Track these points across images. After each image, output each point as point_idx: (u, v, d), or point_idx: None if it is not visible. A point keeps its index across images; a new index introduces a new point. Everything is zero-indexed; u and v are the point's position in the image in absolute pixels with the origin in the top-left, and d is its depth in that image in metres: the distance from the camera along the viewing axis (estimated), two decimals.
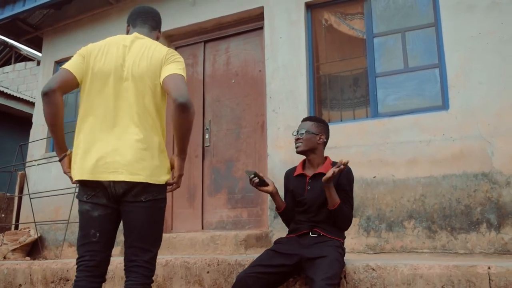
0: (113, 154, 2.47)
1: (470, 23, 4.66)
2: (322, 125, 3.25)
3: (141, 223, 2.51)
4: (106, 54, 2.66)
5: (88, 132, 2.60)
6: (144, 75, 2.57)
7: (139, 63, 2.60)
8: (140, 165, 2.46)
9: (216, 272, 3.54)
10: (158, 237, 2.62)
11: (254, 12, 5.91)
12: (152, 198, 2.51)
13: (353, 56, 5.39)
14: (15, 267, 4.53)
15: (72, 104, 7.35)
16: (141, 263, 2.50)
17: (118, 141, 2.49)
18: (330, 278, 2.63)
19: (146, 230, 2.53)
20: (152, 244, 2.56)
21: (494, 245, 4.20)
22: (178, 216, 5.99)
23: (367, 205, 4.75)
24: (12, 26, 7.60)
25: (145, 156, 2.49)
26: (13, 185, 7.77)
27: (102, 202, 2.52)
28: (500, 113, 4.38)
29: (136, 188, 2.47)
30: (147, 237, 2.54)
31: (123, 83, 2.57)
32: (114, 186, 2.47)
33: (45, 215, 6.69)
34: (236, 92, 5.95)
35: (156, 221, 2.58)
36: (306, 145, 3.18)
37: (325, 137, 3.22)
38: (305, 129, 3.20)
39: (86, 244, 2.53)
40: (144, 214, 2.52)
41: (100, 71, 2.60)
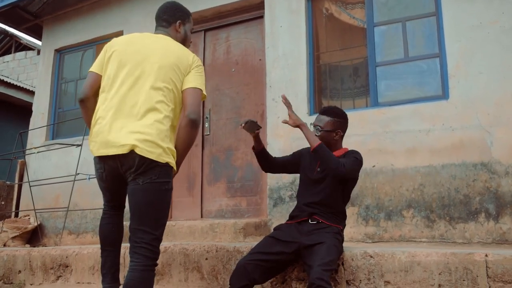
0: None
1: (471, 12, 4.65)
2: (339, 120, 3.19)
3: (139, 205, 2.60)
4: (129, 45, 2.84)
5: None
6: (167, 69, 2.73)
7: (161, 59, 2.75)
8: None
9: (214, 259, 3.55)
10: (160, 220, 2.66)
11: (254, 1, 5.89)
12: (151, 181, 2.57)
13: (353, 45, 5.38)
14: (15, 253, 4.55)
15: (72, 93, 7.34)
16: (142, 244, 2.56)
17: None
18: (327, 263, 2.64)
19: (145, 212, 2.59)
20: (153, 227, 2.61)
21: (492, 234, 4.21)
22: (178, 204, 6.00)
23: (366, 194, 4.76)
24: (12, 14, 7.57)
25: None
26: (13, 173, 7.79)
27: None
28: (500, 103, 4.38)
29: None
30: (148, 220, 2.59)
31: (142, 76, 2.71)
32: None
33: (45, 203, 6.71)
34: (236, 81, 5.94)
35: (156, 203, 2.62)
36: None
37: (342, 131, 3.21)
38: (321, 126, 3.18)
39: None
40: (143, 197, 2.59)
41: (120, 62, 2.76)
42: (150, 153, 2.55)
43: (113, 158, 2.61)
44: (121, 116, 2.64)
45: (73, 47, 7.42)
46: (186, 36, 3.08)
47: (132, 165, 2.57)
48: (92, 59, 7.17)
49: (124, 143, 2.55)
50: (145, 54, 2.77)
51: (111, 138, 2.60)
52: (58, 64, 7.55)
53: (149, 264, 2.57)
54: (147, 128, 2.59)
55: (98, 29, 7.07)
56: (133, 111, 2.63)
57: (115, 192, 2.89)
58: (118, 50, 2.82)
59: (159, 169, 2.60)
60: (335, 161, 2.93)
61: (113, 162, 2.63)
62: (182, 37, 3.04)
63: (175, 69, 2.74)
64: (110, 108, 2.67)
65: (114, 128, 2.62)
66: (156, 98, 2.66)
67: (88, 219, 6.45)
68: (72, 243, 6.42)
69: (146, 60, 2.74)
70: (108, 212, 3.00)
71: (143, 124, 2.60)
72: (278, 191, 5.11)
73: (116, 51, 2.82)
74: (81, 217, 6.51)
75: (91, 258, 4.07)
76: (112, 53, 2.83)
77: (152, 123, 2.60)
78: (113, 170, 2.67)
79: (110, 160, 2.64)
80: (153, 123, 2.60)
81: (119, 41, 2.89)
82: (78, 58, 7.43)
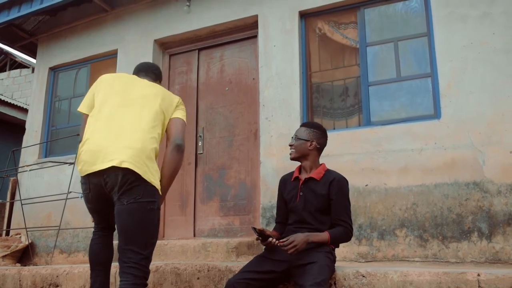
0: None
1: (462, 33, 4.70)
2: (315, 130, 3.20)
3: (126, 225, 2.67)
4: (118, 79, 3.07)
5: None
6: (156, 97, 2.96)
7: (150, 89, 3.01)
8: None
9: (206, 278, 3.52)
10: (147, 240, 2.71)
11: (248, 21, 5.94)
12: (134, 201, 2.64)
13: (346, 64, 5.42)
14: (5, 272, 4.49)
15: (66, 111, 7.33)
16: (131, 264, 2.62)
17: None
18: (319, 283, 2.61)
19: (132, 232, 2.65)
20: (141, 247, 2.65)
21: (485, 254, 4.20)
22: (170, 223, 5.96)
23: (359, 213, 4.75)
24: (7, 32, 7.60)
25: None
26: (5, 191, 7.74)
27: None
28: (491, 122, 4.41)
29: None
30: (135, 240, 2.65)
31: (131, 101, 2.90)
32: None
33: (37, 221, 6.66)
34: (229, 99, 5.96)
35: (142, 223, 2.67)
36: (297, 151, 3.17)
37: (317, 143, 3.16)
38: (297, 135, 3.21)
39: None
40: (128, 216, 2.66)
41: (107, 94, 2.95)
42: (136, 167, 2.63)
43: (98, 175, 2.67)
44: (109, 135, 2.73)
45: (67, 65, 7.44)
46: None
47: (115, 182, 2.63)
48: (86, 78, 7.19)
49: (111, 158, 2.63)
50: (134, 84, 3.00)
51: (98, 155, 2.68)
52: (52, 82, 7.56)
53: (138, 283, 2.61)
54: (134, 145, 2.69)
55: (93, 48, 7.10)
56: (121, 131, 2.74)
57: (103, 214, 2.94)
58: (107, 82, 3.01)
59: (143, 188, 2.66)
60: (347, 238, 3.05)
61: (97, 180, 2.70)
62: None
63: (163, 100, 2.96)
64: (98, 130, 2.78)
65: (102, 146, 2.70)
66: (144, 120, 2.80)
67: (80, 238, 6.40)
68: (64, 262, 6.35)
69: (134, 90, 2.95)
70: (98, 233, 3.06)
71: (130, 142, 2.70)
72: (271, 210, 5.09)
73: (104, 83, 3.01)
74: (73, 236, 6.45)
75: (81, 278, 4.03)
76: (101, 86, 3.00)
77: (138, 141, 2.71)
78: (98, 189, 2.73)
79: (95, 178, 2.70)
80: (139, 142, 2.71)
81: (107, 76, 3.08)
82: (72, 76, 7.44)
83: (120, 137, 2.71)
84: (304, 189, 3.11)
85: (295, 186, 3.18)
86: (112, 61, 6.84)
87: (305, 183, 3.11)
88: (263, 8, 5.78)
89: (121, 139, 2.71)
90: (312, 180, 3.07)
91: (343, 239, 3.04)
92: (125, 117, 2.80)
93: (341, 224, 3.00)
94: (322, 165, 3.20)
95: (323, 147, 3.27)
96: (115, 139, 2.71)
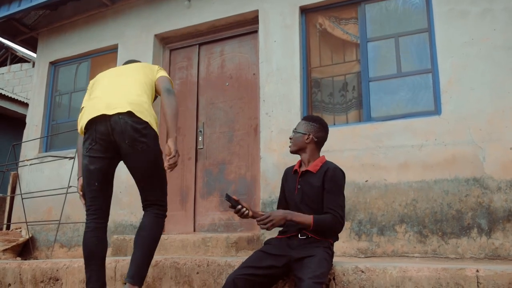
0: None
1: (463, 29, 4.69)
2: (312, 124, 3.19)
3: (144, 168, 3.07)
4: (108, 70, 3.44)
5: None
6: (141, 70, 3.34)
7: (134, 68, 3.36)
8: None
9: (205, 273, 3.53)
10: (162, 179, 3.16)
11: (249, 16, 5.93)
12: (147, 147, 2.98)
13: (346, 60, 5.42)
14: (5, 266, 4.51)
15: (66, 106, 7.33)
16: (153, 202, 3.12)
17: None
18: (318, 276, 2.63)
19: (150, 173, 3.07)
20: (159, 186, 3.14)
21: (484, 250, 4.21)
22: (170, 218, 5.93)
23: (358, 209, 4.75)
24: (7, 26, 7.59)
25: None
26: (6, 185, 7.75)
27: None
28: (492, 119, 4.41)
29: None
30: (153, 180, 3.11)
31: (122, 76, 3.28)
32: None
33: (37, 216, 6.67)
34: (230, 95, 5.96)
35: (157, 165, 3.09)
36: (295, 144, 3.18)
37: (314, 136, 3.15)
38: (296, 128, 3.22)
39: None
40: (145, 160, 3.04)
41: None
42: (140, 113, 2.97)
43: (104, 122, 2.96)
44: (108, 95, 3.09)
45: (68, 60, 7.43)
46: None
47: (124, 127, 2.93)
48: (86, 72, 7.19)
49: (114, 107, 2.95)
50: (119, 68, 3.39)
51: (101, 106, 3.01)
52: (52, 76, 7.55)
53: (161, 213, 3.13)
54: (133, 100, 3.02)
55: (93, 42, 7.09)
56: (118, 92, 3.09)
57: (103, 182, 3.12)
58: (99, 75, 3.40)
59: (151, 135, 3.02)
60: (333, 224, 2.92)
61: (104, 128, 2.97)
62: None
63: (144, 69, 3.32)
64: (96, 96, 3.14)
65: (103, 100, 3.04)
66: (135, 86, 3.15)
67: (80, 232, 6.41)
68: (64, 256, 6.37)
69: (119, 70, 3.36)
70: (91, 224, 3.17)
71: (129, 98, 3.03)
72: (271, 205, 5.09)
73: (98, 76, 3.39)
74: (73, 230, 6.47)
75: (81, 272, 4.04)
76: (95, 81, 3.38)
77: (136, 98, 3.05)
78: (104, 137, 2.99)
79: (101, 125, 2.97)
80: (137, 98, 3.05)
81: (101, 73, 3.44)
82: (72, 71, 7.44)
83: (118, 96, 3.05)
84: (301, 182, 3.11)
85: (294, 179, 3.19)
86: (112, 56, 6.84)
87: (303, 176, 3.12)
88: (263, 3, 5.77)
89: (120, 96, 3.04)
90: (309, 173, 3.08)
91: (330, 227, 2.92)
92: (118, 85, 3.16)
93: (330, 212, 2.92)
94: (320, 158, 3.18)
95: (322, 141, 3.24)
96: (115, 97, 3.04)
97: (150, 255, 3.10)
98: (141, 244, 3.03)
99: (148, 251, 3.07)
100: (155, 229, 3.11)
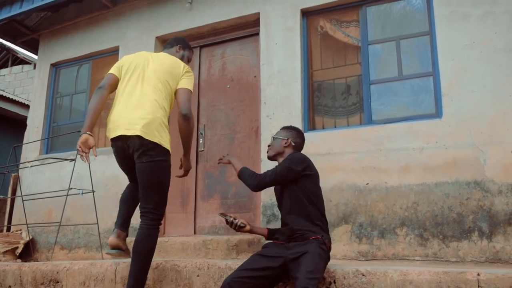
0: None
1: (464, 32, 4.69)
2: (291, 130, 3.48)
3: (145, 179, 3.31)
4: (136, 57, 3.62)
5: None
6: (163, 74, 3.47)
7: (159, 65, 3.52)
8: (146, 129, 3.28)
9: (206, 276, 3.53)
10: (161, 190, 3.35)
11: (250, 18, 5.93)
12: (151, 159, 3.24)
13: (347, 63, 5.41)
14: (5, 268, 4.50)
15: (67, 108, 7.34)
16: (148, 209, 3.29)
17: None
18: (312, 272, 2.65)
19: (150, 184, 3.29)
20: (156, 195, 3.31)
21: (485, 253, 4.20)
22: (171, 220, 5.97)
23: (359, 212, 4.75)
24: (8, 28, 7.60)
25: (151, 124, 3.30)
26: (6, 187, 7.75)
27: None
28: (493, 121, 4.40)
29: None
30: (151, 189, 3.30)
31: (144, 78, 3.46)
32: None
33: (38, 218, 6.67)
34: (231, 97, 5.96)
35: (158, 177, 3.32)
36: (273, 149, 3.44)
37: (292, 140, 3.40)
38: (274, 135, 3.49)
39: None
40: (147, 171, 3.30)
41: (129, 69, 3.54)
42: (148, 135, 3.22)
43: (121, 140, 3.30)
44: (126, 108, 3.33)
45: (69, 62, 7.44)
46: (182, 58, 3.82)
47: (135, 145, 3.24)
48: (88, 74, 7.20)
49: (128, 127, 3.24)
50: (148, 61, 3.53)
51: (119, 124, 3.30)
52: (53, 78, 7.56)
53: (153, 224, 3.28)
54: (146, 116, 3.26)
55: (95, 44, 7.10)
56: (136, 105, 3.31)
57: (128, 171, 3.55)
58: (128, 61, 3.58)
59: (157, 150, 3.26)
60: (250, 177, 3.31)
61: (121, 144, 3.32)
62: (179, 57, 3.77)
63: (170, 73, 3.46)
64: (119, 104, 3.40)
65: (121, 116, 3.32)
66: (155, 95, 3.36)
67: (80, 234, 6.41)
68: (64, 258, 6.37)
69: (149, 66, 3.49)
70: (130, 185, 3.68)
71: (143, 113, 3.27)
72: (271, 207, 5.09)
73: (126, 61, 3.59)
74: (74, 232, 6.46)
75: (82, 274, 4.04)
76: (123, 64, 3.58)
77: (150, 113, 3.27)
78: (122, 151, 3.36)
79: (119, 142, 3.32)
80: (150, 114, 3.27)
81: (130, 56, 3.65)
82: (74, 72, 7.44)
83: (135, 110, 3.29)
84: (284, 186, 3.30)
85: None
86: (113, 58, 6.83)
87: None
88: (265, 6, 5.77)
89: (136, 111, 3.29)
90: None
91: (249, 178, 3.32)
92: (139, 93, 3.37)
93: (266, 172, 3.28)
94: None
95: (300, 147, 3.48)
96: (132, 111, 3.30)
97: (146, 266, 3.29)
98: (137, 258, 3.23)
99: (143, 264, 3.26)
100: (149, 241, 3.27)
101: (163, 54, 3.68)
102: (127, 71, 3.50)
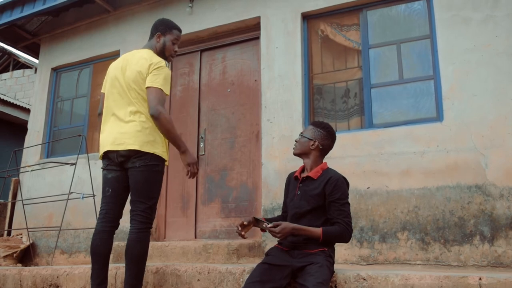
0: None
1: (465, 36, 4.69)
2: (320, 131, 3.15)
3: (137, 182, 3.28)
4: (116, 63, 3.56)
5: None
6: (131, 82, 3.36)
7: (131, 68, 3.40)
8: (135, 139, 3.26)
9: (206, 280, 3.51)
10: (152, 193, 3.30)
11: (250, 22, 5.93)
12: (144, 164, 3.24)
13: (348, 66, 5.41)
14: (5, 272, 4.49)
15: (68, 112, 7.34)
16: (138, 212, 3.24)
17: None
18: (322, 283, 2.61)
19: (141, 187, 3.26)
20: (146, 199, 3.26)
21: (487, 257, 4.18)
22: (172, 224, 5.96)
23: (360, 216, 4.73)
24: (9, 32, 7.62)
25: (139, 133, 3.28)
26: (7, 191, 7.74)
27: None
28: (494, 125, 4.39)
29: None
30: (142, 193, 3.26)
31: (124, 88, 3.38)
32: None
33: (38, 222, 6.66)
34: (231, 101, 5.95)
35: (150, 181, 3.29)
36: (298, 148, 3.15)
37: (319, 143, 3.11)
38: (302, 132, 3.20)
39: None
40: (139, 176, 3.27)
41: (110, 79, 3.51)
42: (138, 146, 3.21)
43: (112, 152, 3.29)
44: (113, 125, 3.34)
45: (70, 66, 7.45)
46: (164, 45, 3.58)
47: (127, 155, 3.24)
48: (88, 78, 7.20)
49: (118, 142, 3.24)
50: (124, 69, 3.42)
51: (107, 141, 3.32)
52: (54, 82, 7.57)
53: (143, 227, 3.22)
54: (133, 129, 3.24)
55: (95, 48, 7.11)
56: (119, 120, 3.32)
57: (117, 186, 3.38)
58: (110, 73, 3.53)
59: (149, 156, 3.25)
60: (343, 235, 2.92)
61: (112, 155, 3.30)
62: (160, 47, 3.57)
63: (138, 79, 3.31)
64: (105, 122, 3.42)
65: (110, 133, 3.32)
66: (132, 106, 3.30)
67: (81, 239, 6.40)
68: (65, 262, 6.35)
69: (124, 75, 3.39)
70: (98, 226, 3.39)
71: (128, 128, 3.26)
72: (272, 211, 5.08)
73: (108, 74, 3.55)
74: (74, 236, 6.45)
75: (82, 278, 4.02)
76: (106, 78, 3.56)
77: (133, 125, 3.26)
78: (113, 160, 3.31)
79: (111, 153, 3.30)
80: (134, 126, 3.26)
81: (112, 65, 3.59)
82: (74, 77, 7.45)
83: (120, 125, 3.29)
84: (302, 188, 3.08)
85: (294, 185, 3.17)
86: None
87: (303, 182, 3.09)
88: (265, 10, 5.78)
89: (121, 126, 3.28)
90: (309, 179, 3.05)
91: (339, 238, 2.92)
92: (119, 106, 3.34)
93: (339, 222, 2.90)
94: (322, 164, 3.15)
95: (328, 149, 3.19)
96: (119, 128, 3.29)
97: (141, 271, 3.26)
98: (130, 264, 3.21)
99: (137, 269, 3.23)
100: (140, 246, 3.23)
101: (138, 54, 3.46)
102: (108, 86, 3.47)
